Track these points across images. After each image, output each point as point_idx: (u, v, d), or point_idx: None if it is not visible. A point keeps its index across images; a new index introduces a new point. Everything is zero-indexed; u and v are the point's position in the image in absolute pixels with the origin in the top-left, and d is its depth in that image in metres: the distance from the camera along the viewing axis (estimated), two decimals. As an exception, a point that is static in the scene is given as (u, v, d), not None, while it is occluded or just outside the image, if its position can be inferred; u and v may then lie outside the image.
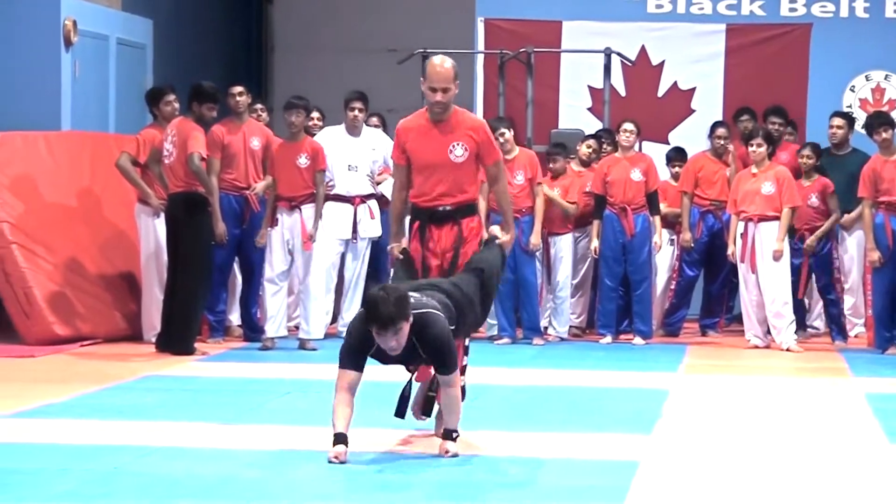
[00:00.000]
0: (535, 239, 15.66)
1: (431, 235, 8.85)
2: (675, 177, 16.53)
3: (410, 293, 8.01)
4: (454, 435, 8.31)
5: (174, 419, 10.77)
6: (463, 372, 8.95)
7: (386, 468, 8.59)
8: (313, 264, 15.21)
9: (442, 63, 8.88)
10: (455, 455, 8.19)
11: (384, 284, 8.15)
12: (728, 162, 16.42)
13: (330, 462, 7.99)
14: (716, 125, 16.79)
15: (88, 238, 15.67)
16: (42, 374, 12.95)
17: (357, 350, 8.04)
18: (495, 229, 8.85)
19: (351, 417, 8.07)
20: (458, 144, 8.65)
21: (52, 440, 9.95)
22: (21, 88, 15.97)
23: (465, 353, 9.14)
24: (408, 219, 9.58)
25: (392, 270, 8.87)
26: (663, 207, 16.07)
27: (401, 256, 8.74)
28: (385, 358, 8.04)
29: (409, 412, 9.06)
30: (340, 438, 8.05)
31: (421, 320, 7.86)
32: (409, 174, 8.99)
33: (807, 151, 16.06)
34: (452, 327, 8.36)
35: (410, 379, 8.64)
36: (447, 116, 8.80)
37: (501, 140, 15.20)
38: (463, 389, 8.81)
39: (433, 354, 8.09)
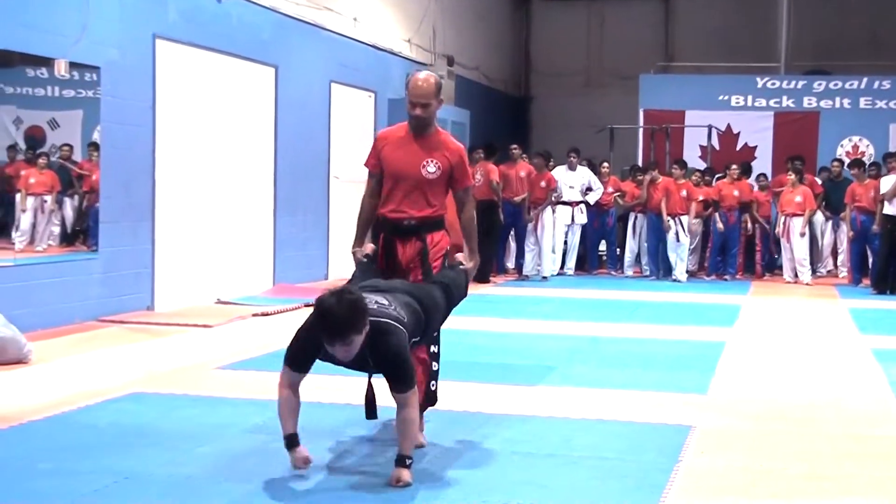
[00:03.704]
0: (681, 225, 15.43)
1: (395, 250, 5.55)
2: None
3: (374, 296, 4.87)
4: (407, 462, 4.74)
5: (479, 316, 10.59)
6: (435, 377, 5.71)
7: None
8: (545, 237, 15.25)
9: (425, 78, 5.60)
10: (407, 484, 4.69)
11: (342, 289, 4.69)
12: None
13: (296, 468, 4.81)
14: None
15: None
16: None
17: (304, 352, 4.77)
18: (460, 256, 5.64)
19: (298, 411, 4.82)
20: (431, 161, 5.51)
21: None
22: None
23: (436, 359, 5.71)
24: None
25: (352, 275, 5.66)
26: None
27: (364, 259, 5.56)
28: (337, 361, 4.78)
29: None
30: (291, 441, 4.79)
31: (377, 329, 4.66)
32: (380, 182, 5.68)
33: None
34: (416, 339, 5.06)
35: (370, 380, 4.95)
36: (428, 133, 5.60)
37: (650, 176, 15.46)
38: (434, 395, 5.67)
39: (386, 368, 4.75)
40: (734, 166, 16.02)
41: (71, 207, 10.53)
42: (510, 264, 16.27)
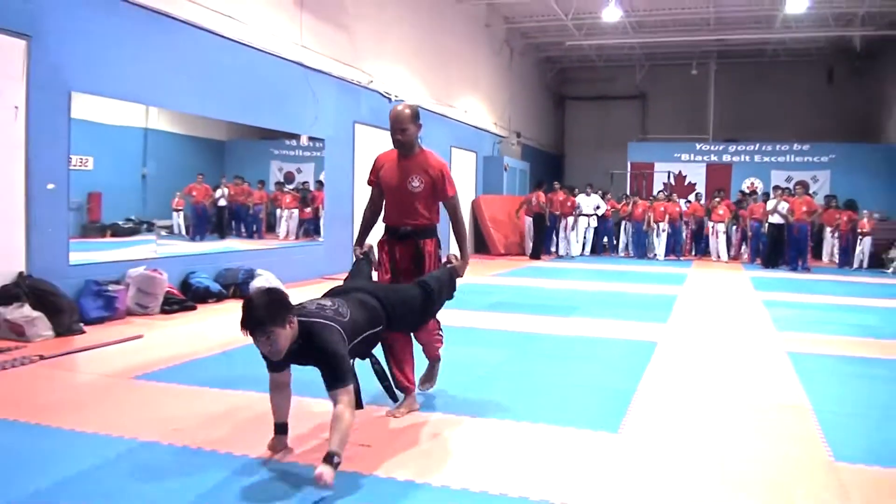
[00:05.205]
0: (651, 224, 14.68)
1: (394, 250, 3.99)
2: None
3: (320, 300, 3.21)
4: (335, 460, 2.78)
5: (534, 278, 10.49)
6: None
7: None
8: (571, 233, 14.65)
9: (403, 107, 4.09)
10: (327, 486, 2.70)
11: (269, 287, 2.98)
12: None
13: (272, 452, 3.16)
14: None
15: (508, 224, 14.64)
16: (495, 266, 12.03)
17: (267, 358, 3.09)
18: (452, 256, 3.92)
19: (285, 405, 3.19)
20: (415, 177, 3.93)
21: (508, 284, 9.71)
22: (493, 185, 15.16)
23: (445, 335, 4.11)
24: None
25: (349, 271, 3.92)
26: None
27: (360, 256, 3.96)
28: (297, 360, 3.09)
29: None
30: (278, 429, 3.20)
31: (308, 329, 2.97)
32: (380, 195, 4.09)
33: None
34: (376, 328, 3.29)
35: (375, 363, 3.45)
36: (412, 154, 4.03)
37: (633, 200, 14.67)
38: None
39: (317, 363, 2.97)
40: (674, 194, 15.49)
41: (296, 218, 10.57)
42: (553, 249, 15.70)
